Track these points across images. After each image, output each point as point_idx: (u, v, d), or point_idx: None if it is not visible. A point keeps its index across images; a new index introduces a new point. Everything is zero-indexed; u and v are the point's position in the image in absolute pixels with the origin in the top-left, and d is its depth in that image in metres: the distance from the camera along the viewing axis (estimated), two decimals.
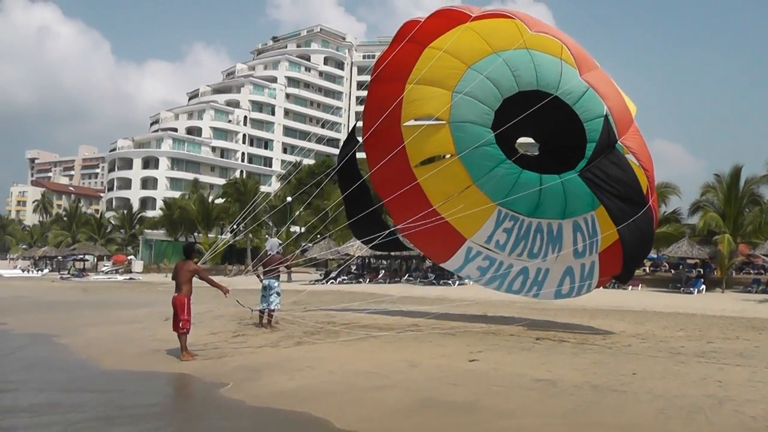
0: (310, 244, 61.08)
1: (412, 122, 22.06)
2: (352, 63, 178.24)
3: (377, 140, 22.02)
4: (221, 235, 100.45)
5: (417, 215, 21.17)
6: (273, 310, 20.26)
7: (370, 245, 24.47)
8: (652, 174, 18.67)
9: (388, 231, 22.08)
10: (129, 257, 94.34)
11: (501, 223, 21.74)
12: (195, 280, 15.82)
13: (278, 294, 20.23)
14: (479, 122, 20.38)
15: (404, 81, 21.03)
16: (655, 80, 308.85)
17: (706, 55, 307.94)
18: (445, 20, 20.33)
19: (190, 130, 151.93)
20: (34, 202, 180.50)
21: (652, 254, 64.46)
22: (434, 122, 21.57)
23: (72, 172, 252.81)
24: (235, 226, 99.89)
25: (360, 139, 22.87)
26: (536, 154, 22.68)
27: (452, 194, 21.87)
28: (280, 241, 22.12)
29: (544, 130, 21.76)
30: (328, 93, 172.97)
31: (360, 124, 22.88)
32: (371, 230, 22.62)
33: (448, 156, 22.03)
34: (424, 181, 22.00)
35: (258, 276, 20.37)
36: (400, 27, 21.26)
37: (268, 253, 20.69)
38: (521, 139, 22.58)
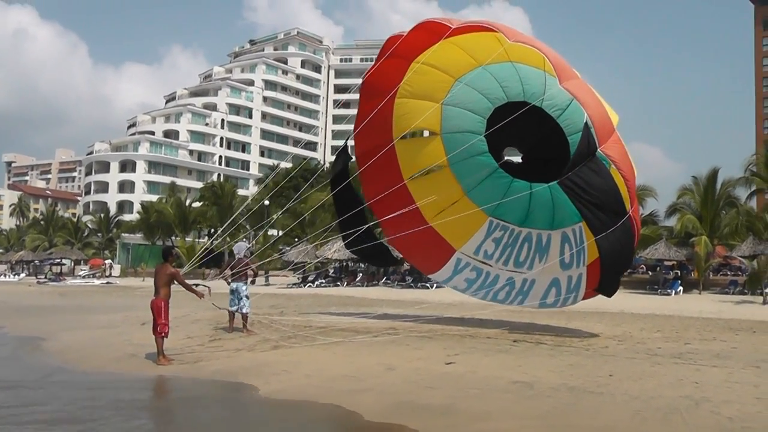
0: (288, 248, 60.97)
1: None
2: (329, 66, 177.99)
3: (371, 157, 21.97)
4: (198, 238, 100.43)
5: (409, 227, 21.45)
6: (246, 314, 20.23)
7: (365, 259, 24.51)
8: (633, 183, 18.69)
9: (364, 228, 22.20)
10: (106, 261, 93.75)
11: (491, 233, 21.68)
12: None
13: (247, 297, 20.19)
14: (473, 130, 20.40)
15: (393, 96, 21.15)
16: (633, 83, 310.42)
17: (685, 58, 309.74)
18: (427, 34, 20.52)
19: (167, 134, 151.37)
20: (10, 205, 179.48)
21: None
22: (426, 134, 22.15)
23: (49, 176, 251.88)
24: (213, 231, 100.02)
25: (349, 143, 23.09)
26: (520, 162, 22.66)
27: (444, 206, 21.88)
28: (248, 245, 22.13)
29: (530, 142, 21.87)
30: (306, 96, 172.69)
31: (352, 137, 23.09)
32: (363, 242, 22.83)
33: (440, 167, 22.03)
34: (416, 194, 22.14)
35: (226, 279, 20.30)
36: (384, 43, 21.60)
37: (236, 257, 20.65)
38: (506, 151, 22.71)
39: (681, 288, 48.10)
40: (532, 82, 19.14)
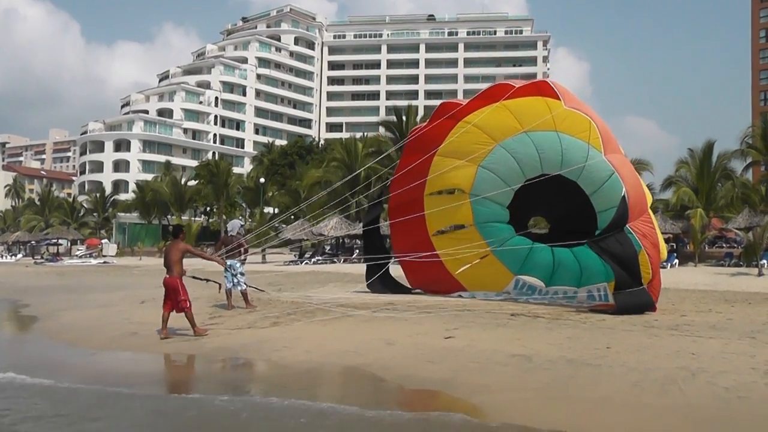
0: (284, 225, 61.07)
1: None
2: (322, 43, 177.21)
3: (403, 210, 23.04)
4: (194, 217, 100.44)
5: (435, 278, 23.34)
6: (245, 290, 20.38)
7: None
8: (656, 260, 18.99)
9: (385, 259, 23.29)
10: (102, 241, 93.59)
11: (519, 290, 22.64)
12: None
13: (242, 274, 20.30)
14: (497, 200, 21.81)
15: (434, 153, 22.08)
16: (627, 55, 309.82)
17: (680, 29, 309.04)
18: (484, 100, 21.33)
19: (161, 112, 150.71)
20: (5, 186, 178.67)
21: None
22: (456, 193, 23.36)
23: (43, 156, 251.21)
24: (209, 209, 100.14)
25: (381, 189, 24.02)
26: (545, 232, 23.11)
27: (472, 261, 22.89)
28: (242, 222, 22.35)
29: (558, 212, 22.43)
30: (299, 73, 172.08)
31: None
32: (388, 288, 24.06)
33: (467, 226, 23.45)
34: (441, 248, 22.98)
35: (221, 257, 20.45)
36: (438, 106, 22.74)
37: (229, 234, 20.72)
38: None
39: (676, 261, 48.15)
40: (572, 154, 19.64)
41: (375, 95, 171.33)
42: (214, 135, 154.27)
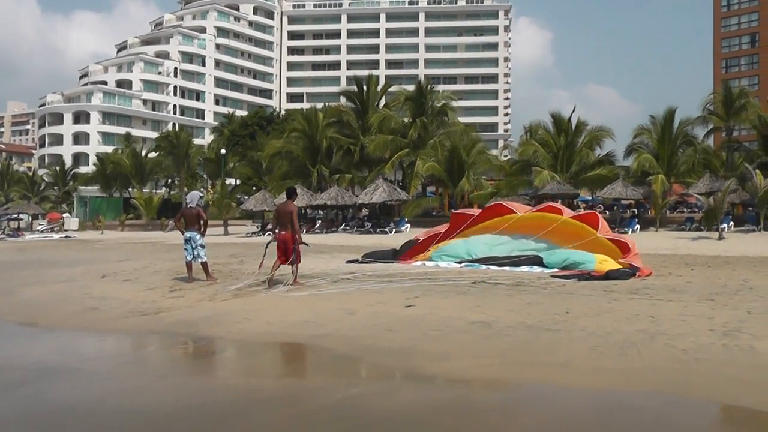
0: (246, 197, 60.86)
1: None
2: (281, 12, 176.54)
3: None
4: (155, 189, 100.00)
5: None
6: (205, 262, 20.26)
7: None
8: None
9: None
10: (64, 215, 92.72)
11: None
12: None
13: (202, 246, 20.19)
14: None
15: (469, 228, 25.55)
16: (589, 25, 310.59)
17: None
18: (545, 209, 25.02)
19: (120, 83, 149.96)
20: None
21: (587, 196, 65.64)
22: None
23: (1, 129, 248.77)
24: (170, 181, 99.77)
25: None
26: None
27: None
28: (201, 194, 22.32)
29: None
30: (259, 43, 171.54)
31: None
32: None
33: None
34: None
35: (180, 229, 20.40)
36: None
37: (189, 206, 20.58)
38: None
39: (638, 226, 48.67)
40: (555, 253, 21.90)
41: (335, 65, 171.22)
42: (174, 106, 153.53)
